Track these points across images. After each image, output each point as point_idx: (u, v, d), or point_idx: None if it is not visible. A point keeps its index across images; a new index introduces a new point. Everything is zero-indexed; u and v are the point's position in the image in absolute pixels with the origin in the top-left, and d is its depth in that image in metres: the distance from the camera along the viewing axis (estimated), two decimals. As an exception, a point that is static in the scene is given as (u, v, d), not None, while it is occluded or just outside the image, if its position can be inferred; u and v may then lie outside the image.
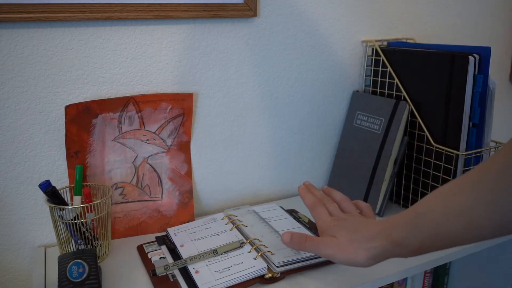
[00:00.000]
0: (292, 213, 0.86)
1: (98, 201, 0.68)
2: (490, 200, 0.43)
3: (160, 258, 0.71)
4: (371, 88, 0.97)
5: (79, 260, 0.61)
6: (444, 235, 0.47)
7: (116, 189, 0.78)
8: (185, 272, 0.66)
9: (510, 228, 0.43)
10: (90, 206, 0.69)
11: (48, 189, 0.66)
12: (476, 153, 0.79)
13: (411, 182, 0.89)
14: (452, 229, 0.46)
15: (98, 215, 0.69)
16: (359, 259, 0.54)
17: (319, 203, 0.65)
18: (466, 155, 0.77)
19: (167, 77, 0.80)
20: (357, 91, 0.98)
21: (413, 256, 0.51)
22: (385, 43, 0.97)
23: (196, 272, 0.65)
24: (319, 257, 0.68)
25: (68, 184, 0.75)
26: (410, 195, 0.89)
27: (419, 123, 0.85)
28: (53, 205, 0.66)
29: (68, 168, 0.74)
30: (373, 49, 0.95)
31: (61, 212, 0.67)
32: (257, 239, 0.74)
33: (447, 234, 0.47)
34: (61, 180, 0.76)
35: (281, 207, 0.87)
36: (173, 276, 0.65)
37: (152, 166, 0.80)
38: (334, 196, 0.69)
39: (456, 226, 0.46)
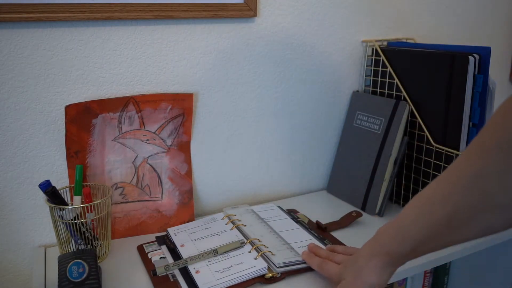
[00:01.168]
0: (291, 213, 0.86)
1: (98, 201, 0.68)
2: (467, 208, 0.44)
3: (160, 258, 0.71)
4: (371, 88, 0.97)
5: (79, 260, 0.61)
6: (430, 242, 0.49)
7: (116, 189, 0.78)
8: (185, 272, 0.66)
9: (493, 229, 0.44)
10: (90, 206, 0.69)
11: (48, 189, 0.66)
12: (476, 153, 0.79)
13: (411, 182, 0.89)
14: (437, 236, 0.48)
15: (98, 215, 0.69)
16: (370, 281, 0.55)
17: (325, 261, 0.65)
18: (463, 151, 0.77)
19: (167, 77, 0.80)
20: (357, 91, 0.98)
21: (415, 258, 0.53)
22: (385, 43, 0.97)
23: (197, 272, 0.65)
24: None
25: (68, 184, 0.75)
26: (410, 195, 0.89)
27: (419, 123, 0.85)
28: (53, 205, 0.66)
29: (68, 168, 0.74)
30: (373, 49, 0.95)
31: (61, 212, 0.67)
32: (257, 239, 0.74)
33: (434, 241, 0.48)
34: (61, 180, 0.76)
35: (279, 207, 0.87)
36: (173, 276, 0.65)
37: (152, 166, 0.80)
38: (338, 249, 0.69)
39: (440, 233, 0.47)
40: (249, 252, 0.70)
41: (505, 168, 0.41)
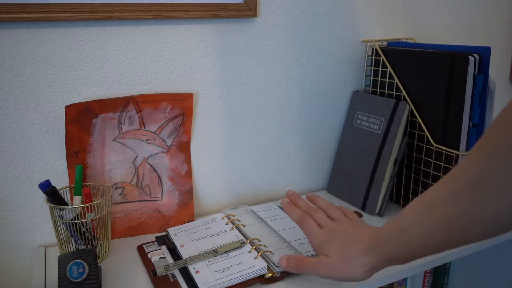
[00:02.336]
0: (292, 213, 0.86)
1: (98, 201, 0.68)
2: (470, 211, 0.44)
3: (160, 258, 0.71)
4: (371, 88, 0.97)
5: (79, 260, 0.61)
6: (431, 245, 0.49)
7: (116, 189, 0.78)
8: (185, 272, 0.66)
9: (495, 232, 0.44)
10: (90, 206, 0.69)
11: (48, 189, 0.66)
12: (476, 153, 0.79)
13: (411, 182, 0.89)
14: (437, 240, 0.48)
15: (98, 215, 0.69)
16: (355, 276, 0.55)
17: (306, 216, 0.65)
18: (466, 155, 0.77)
19: (167, 77, 0.80)
20: (357, 91, 0.98)
21: (408, 263, 0.53)
22: (385, 43, 0.97)
23: (197, 272, 0.65)
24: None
25: (68, 184, 0.75)
26: (410, 195, 0.89)
27: (419, 123, 0.85)
28: (53, 205, 0.66)
29: (68, 168, 0.74)
30: (373, 49, 0.95)
31: (61, 212, 0.67)
32: (257, 239, 0.74)
33: (434, 244, 0.48)
34: (61, 180, 0.76)
35: (279, 207, 0.87)
36: (173, 276, 0.65)
37: (152, 166, 0.80)
38: (320, 204, 0.69)
39: (441, 237, 0.47)
40: (249, 252, 0.70)
41: (505, 172, 0.41)
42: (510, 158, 0.40)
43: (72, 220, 0.67)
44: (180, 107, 0.80)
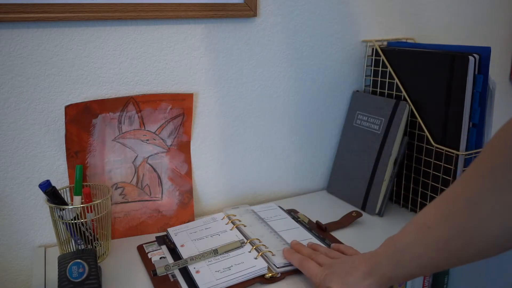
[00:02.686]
0: (291, 212, 0.86)
1: (98, 201, 0.68)
2: (466, 232, 0.44)
3: (160, 258, 0.71)
4: (371, 88, 0.97)
5: (79, 260, 0.61)
6: (427, 266, 0.49)
7: (116, 189, 0.78)
8: (185, 272, 0.66)
9: (490, 253, 0.44)
10: (90, 206, 0.69)
11: (48, 189, 0.66)
12: (476, 153, 0.79)
13: (411, 182, 0.89)
14: (434, 260, 0.48)
15: (98, 215, 0.69)
16: None
17: (306, 259, 0.65)
18: (466, 155, 0.77)
19: (167, 77, 0.80)
20: (357, 91, 0.98)
21: (407, 281, 0.54)
22: (385, 43, 0.97)
23: (197, 272, 0.65)
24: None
25: (68, 184, 0.75)
26: (410, 195, 0.89)
27: (419, 123, 0.85)
28: (53, 205, 0.66)
29: (68, 168, 0.74)
30: (373, 49, 0.95)
31: (61, 212, 0.67)
32: (257, 239, 0.74)
33: (430, 265, 0.49)
34: (61, 180, 0.76)
35: (280, 207, 0.87)
36: (173, 276, 0.65)
37: (152, 166, 0.80)
38: (320, 249, 0.69)
39: (437, 258, 0.47)
40: (249, 252, 0.70)
41: (499, 193, 0.41)
42: (506, 178, 0.40)
43: (72, 220, 0.67)
44: (180, 107, 0.80)
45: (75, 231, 0.68)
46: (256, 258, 0.68)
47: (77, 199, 0.71)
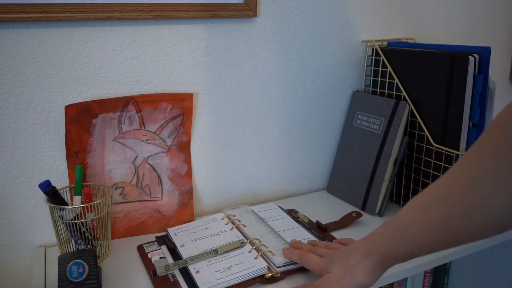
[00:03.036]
0: (291, 212, 0.86)
1: (98, 201, 0.68)
2: (466, 211, 0.44)
3: (160, 258, 0.71)
4: (371, 88, 0.97)
5: (79, 260, 0.61)
6: (426, 245, 0.49)
7: (116, 189, 0.78)
8: (185, 272, 0.66)
9: (491, 232, 0.44)
10: (90, 206, 0.69)
11: (48, 189, 0.66)
12: (476, 153, 0.79)
13: (411, 182, 0.89)
14: (432, 239, 0.48)
15: (98, 215, 0.69)
16: (360, 280, 0.55)
17: (306, 252, 0.65)
18: (463, 155, 0.77)
19: (167, 77, 0.80)
20: (357, 91, 0.98)
21: (406, 261, 0.53)
22: (385, 43, 0.97)
23: (197, 272, 0.65)
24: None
25: (68, 184, 0.75)
26: (410, 195, 0.89)
27: (419, 123, 0.85)
28: (53, 205, 0.66)
29: (68, 168, 0.74)
30: (373, 49, 0.95)
31: (61, 212, 0.67)
32: (257, 239, 0.74)
33: (429, 243, 0.49)
34: (61, 180, 0.76)
35: (280, 207, 0.87)
36: (173, 276, 0.65)
37: (152, 166, 0.80)
38: (320, 244, 0.69)
39: (436, 237, 0.47)
40: (249, 252, 0.70)
41: (502, 171, 0.41)
42: (506, 156, 0.40)
43: (72, 220, 0.67)
44: (180, 107, 0.80)
45: (75, 231, 0.68)
46: (256, 258, 0.68)
47: (77, 199, 0.71)
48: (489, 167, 0.42)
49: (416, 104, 0.85)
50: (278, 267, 0.67)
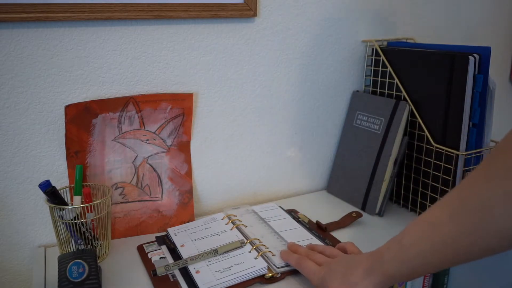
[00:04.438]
0: (292, 213, 0.86)
1: (98, 201, 0.68)
2: (472, 231, 0.44)
3: (160, 258, 0.71)
4: (371, 88, 0.97)
5: (79, 260, 0.61)
6: (432, 263, 0.49)
7: (116, 189, 0.78)
8: (185, 272, 0.66)
9: (499, 249, 0.44)
10: (90, 206, 0.69)
11: (48, 189, 0.66)
12: (476, 153, 0.79)
13: (411, 182, 0.89)
14: (440, 257, 0.48)
15: (98, 215, 0.69)
16: None
17: (303, 258, 0.64)
18: (466, 155, 0.77)
19: (167, 77, 0.80)
20: (357, 91, 0.98)
21: (410, 280, 0.53)
22: (385, 43, 0.97)
23: (197, 272, 0.65)
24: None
25: (68, 184, 0.75)
26: (410, 195, 0.89)
27: (419, 123, 0.85)
28: (53, 205, 0.66)
29: (68, 168, 0.74)
30: (373, 49, 0.95)
31: (61, 212, 0.67)
32: (257, 239, 0.74)
33: (436, 261, 0.48)
34: (61, 180, 0.76)
35: (280, 207, 0.87)
36: (173, 276, 0.65)
37: (152, 166, 0.80)
38: (317, 248, 0.69)
39: (444, 255, 0.47)
40: (249, 252, 0.70)
41: None
42: None
43: (72, 220, 0.67)
44: (180, 107, 0.80)
45: (75, 231, 0.68)
46: (256, 258, 0.68)
47: (77, 199, 0.71)
48: (499, 190, 0.41)
49: (416, 104, 0.85)
50: (278, 267, 0.67)
